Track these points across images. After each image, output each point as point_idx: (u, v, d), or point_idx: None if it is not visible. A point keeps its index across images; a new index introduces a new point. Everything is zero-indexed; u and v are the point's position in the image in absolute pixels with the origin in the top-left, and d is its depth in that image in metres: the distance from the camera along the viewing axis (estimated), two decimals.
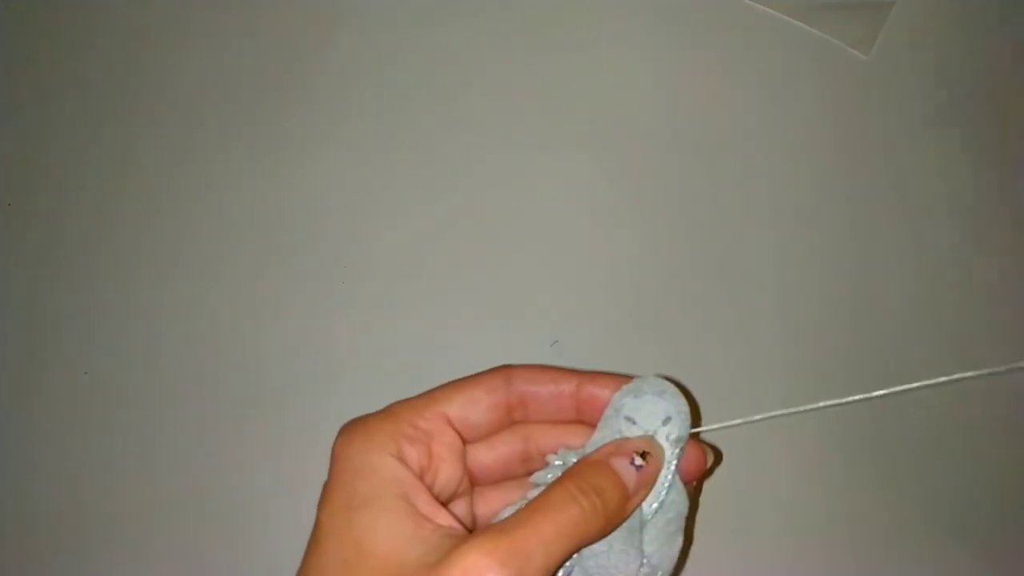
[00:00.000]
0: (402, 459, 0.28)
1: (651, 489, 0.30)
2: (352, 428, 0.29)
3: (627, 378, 0.31)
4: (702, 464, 0.32)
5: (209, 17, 0.49)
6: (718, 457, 0.41)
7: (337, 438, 0.29)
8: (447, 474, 0.30)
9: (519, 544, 0.25)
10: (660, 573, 0.30)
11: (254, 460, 0.41)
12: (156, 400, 0.43)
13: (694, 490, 0.33)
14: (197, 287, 0.45)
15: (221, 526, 0.41)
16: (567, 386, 0.31)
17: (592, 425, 0.31)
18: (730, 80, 0.47)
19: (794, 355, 0.43)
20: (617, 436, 0.30)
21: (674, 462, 0.30)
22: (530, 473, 0.32)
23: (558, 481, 0.28)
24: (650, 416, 0.30)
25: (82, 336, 0.44)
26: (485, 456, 0.33)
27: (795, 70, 0.47)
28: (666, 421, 0.30)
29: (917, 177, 0.45)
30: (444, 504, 0.31)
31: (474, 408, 0.31)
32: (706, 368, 0.42)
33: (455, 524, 0.28)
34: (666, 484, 0.30)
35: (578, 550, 0.28)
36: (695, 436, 0.31)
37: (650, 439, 0.30)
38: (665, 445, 0.30)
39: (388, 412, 0.30)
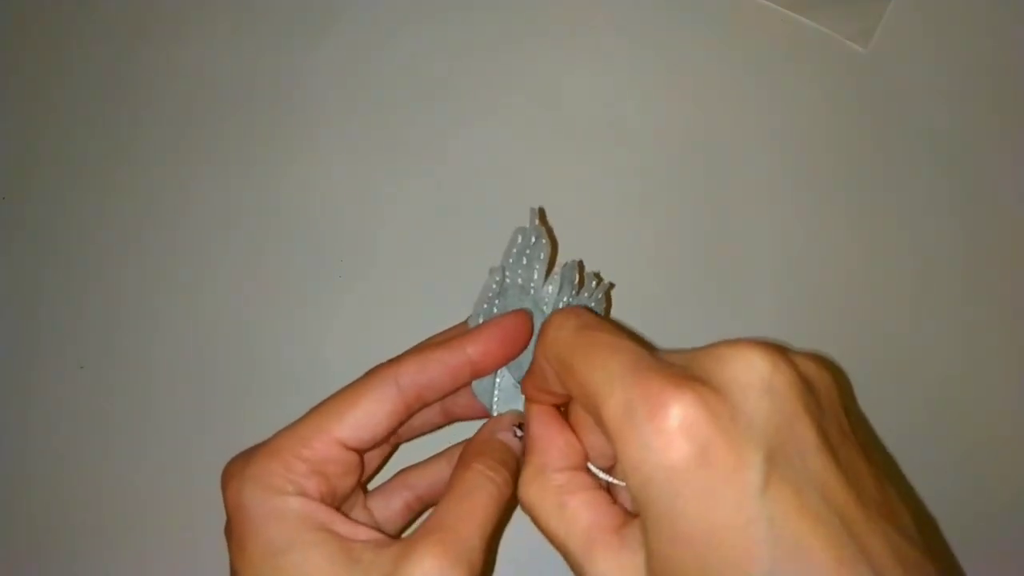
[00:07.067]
0: (304, 494, 0.28)
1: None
2: (240, 473, 0.29)
3: (497, 327, 0.32)
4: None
5: (204, 11, 0.49)
6: None
7: (227, 483, 0.29)
8: (346, 488, 0.31)
9: (461, 536, 0.27)
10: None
11: None
12: (151, 394, 0.43)
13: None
14: (193, 281, 0.45)
15: (216, 521, 0.41)
16: (456, 359, 0.31)
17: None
18: (728, 73, 0.47)
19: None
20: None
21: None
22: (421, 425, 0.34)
23: (464, 466, 0.30)
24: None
25: (77, 330, 0.44)
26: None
27: (793, 63, 0.47)
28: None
29: (915, 170, 0.45)
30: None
31: (368, 425, 0.30)
32: None
33: (375, 534, 0.28)
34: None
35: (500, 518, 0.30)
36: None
37: (518, 413, 0.33)
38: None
39: (274, 449, 0.29)
